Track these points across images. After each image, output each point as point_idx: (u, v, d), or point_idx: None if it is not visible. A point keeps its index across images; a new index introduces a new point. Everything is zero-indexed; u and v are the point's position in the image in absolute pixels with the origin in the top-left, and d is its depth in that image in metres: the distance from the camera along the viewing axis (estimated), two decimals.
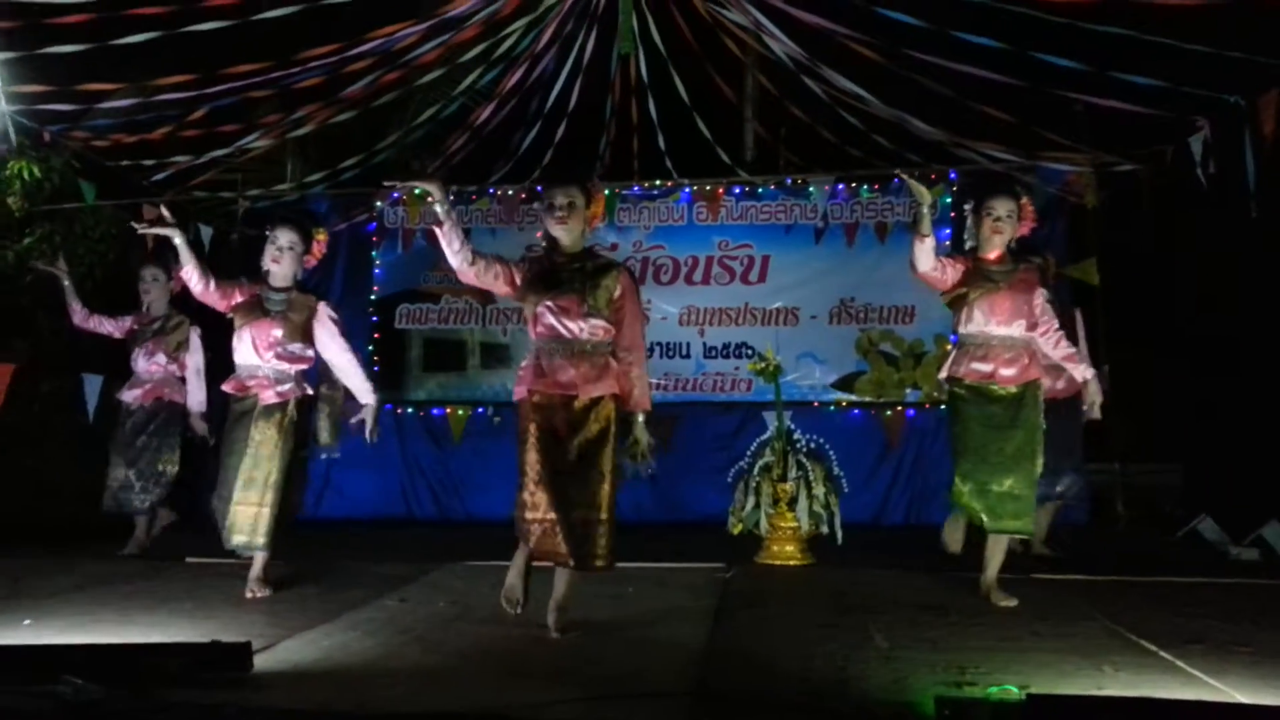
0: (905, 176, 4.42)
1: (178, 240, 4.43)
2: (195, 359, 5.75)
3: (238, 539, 4.35)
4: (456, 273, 3.69)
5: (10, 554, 5.35)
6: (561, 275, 3.62)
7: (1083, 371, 4.37)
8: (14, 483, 6.58)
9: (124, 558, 5.54)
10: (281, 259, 4.44)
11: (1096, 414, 4.57)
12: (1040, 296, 4.25)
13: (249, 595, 4.30)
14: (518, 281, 3.66)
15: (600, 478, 3.53)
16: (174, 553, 5.57)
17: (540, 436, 3.53)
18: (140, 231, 4.65)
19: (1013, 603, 4.09)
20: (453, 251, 3.62)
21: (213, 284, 4.45)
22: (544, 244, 3.73)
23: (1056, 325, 4.27)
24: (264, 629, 3.65)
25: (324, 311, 4.52)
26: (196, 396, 5.73)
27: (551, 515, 3.45)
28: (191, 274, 4.43)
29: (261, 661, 3.12)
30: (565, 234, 3.63)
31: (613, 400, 3.62)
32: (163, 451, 5.73)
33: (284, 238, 4.45)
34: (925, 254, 4.15)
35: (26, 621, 3.79)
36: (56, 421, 6.83)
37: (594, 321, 3.58)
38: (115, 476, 5.71)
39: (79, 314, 5.84)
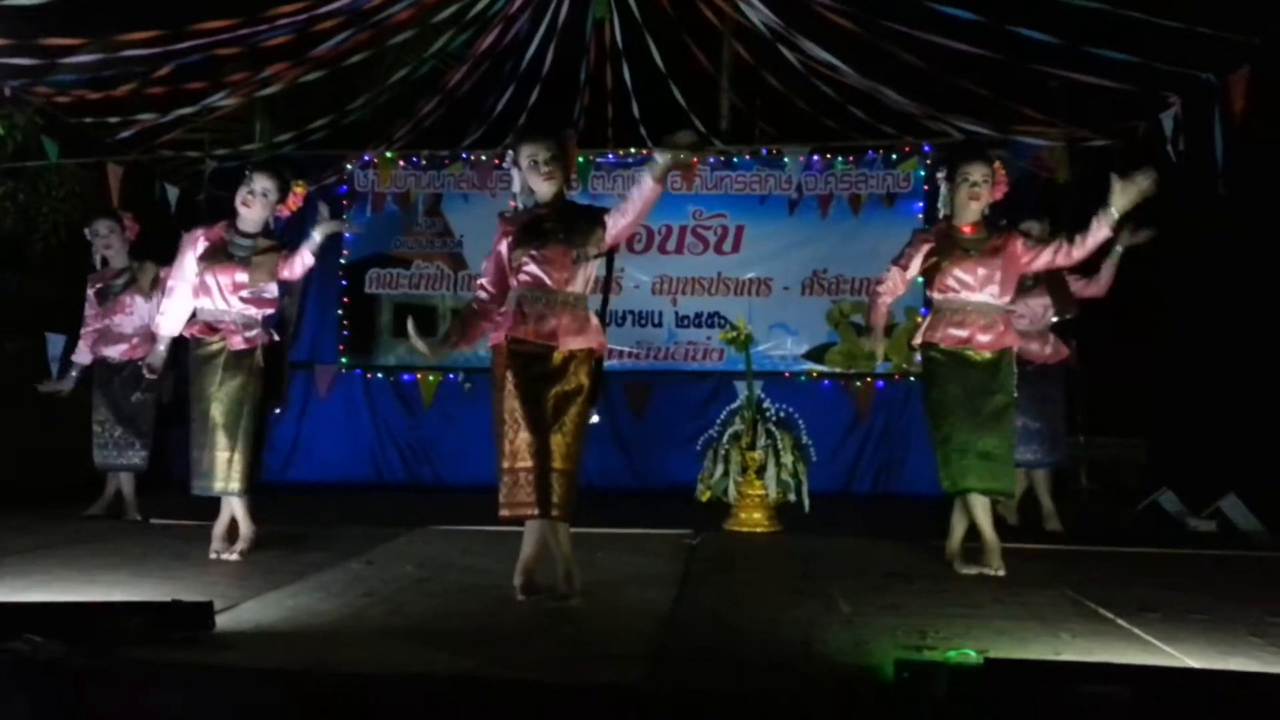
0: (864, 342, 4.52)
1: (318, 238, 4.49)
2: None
3: (215, 485, 4.31)
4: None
5: None
6: (545, 226, 3.58)
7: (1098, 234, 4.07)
8: None
9: (89, 518, 5.49)
10: (253, 204, 4.37)
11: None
12: (1021, 253, 4.19)
13: (228, 557, 4.27)
14: (504, 253, 3.63)
15: (571, 431, 3.50)
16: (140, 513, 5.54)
17: (520, 384, 3.50)
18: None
19: (1002, 571, 4.09)
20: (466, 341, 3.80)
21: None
22: (521, 201, 3.70)
23: (1055, 244, 4.17)
24: (227, 590, 3.63)
25: (285, 252, 4.48)
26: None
27: (529, 463, 3.44)
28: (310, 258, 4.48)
29: (224, 621, 3.10)
30: (549, 188, 3.60)
31: (591, 356, 3.59)
32: (147, 412, 5.64)
33: (259, 183, 4.37)
34: (896, 282, 4.35)
35: None
36: (24, 383, 6.72)
37: (579, 272, 3.56)
38: (110, 434, 5.60)
39: (86, 345, 5.70)
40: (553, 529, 3.54)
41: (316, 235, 4.45)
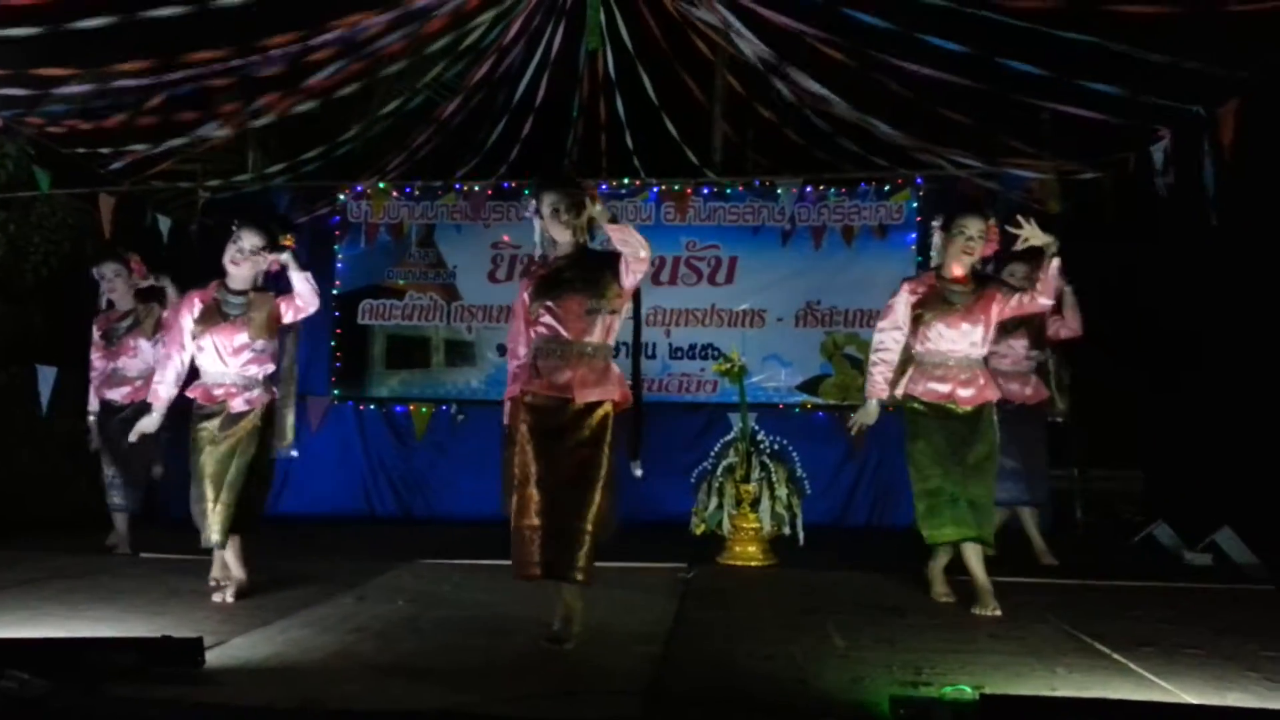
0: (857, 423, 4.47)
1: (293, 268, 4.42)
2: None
3: (214, 537, 4.27)
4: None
5: None
6: (562, 276, 3.54)
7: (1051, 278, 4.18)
8: None
9: (109, 551, 5.46)
10: (242, 262, 4.35)
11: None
12: (999, 303, 4.24)
13: (217, 599, 4.19)
14: (525, 307, 3.58)
15: (590, 485, 3.39)
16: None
17: (533, 439, 3.42)
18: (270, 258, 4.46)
19: (998, 612, 4.05)
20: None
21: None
22: (541, 249, 3.66)
23: (1022, 291, 4.26)
24: (217, 625, 3.59)
25: (282, 300, 4.46)
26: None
27: (536, 521, 3.36)
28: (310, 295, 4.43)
29: (214, 657, 3.07)
30: (569, 237, 3.55)
31: (611, 407, 3.51)
32: (154, 453, 5.63)
33: (248, 240, 4.34)
34: (892, 336, 4.33)
35: None
36: (11, 414, 6.67)
37: (596, 321, 3.49)
38: (106, 474, 5.62)
39: (95, 390, 5.69)
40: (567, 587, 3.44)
41: (282, 257, 4.41)
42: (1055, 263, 4.13)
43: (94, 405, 5.69)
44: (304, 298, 4.41)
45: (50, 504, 5.99)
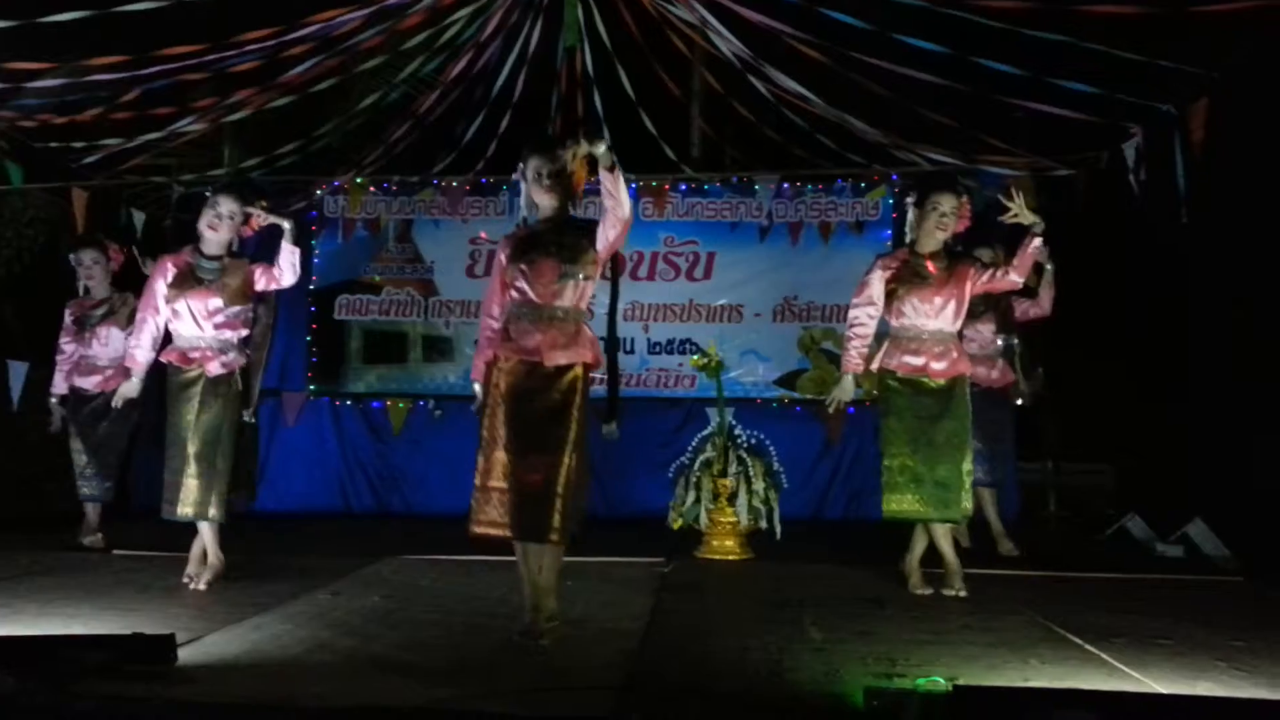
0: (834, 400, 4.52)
1: (286, 226, 4.50)
2: None
3: (186, 510, 4.28)
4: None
5: None
6: (539, 240, 3.54)
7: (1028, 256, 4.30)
8: None
9: (85, 548, 5.40)
10: (219, 226, 4.40)
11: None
12: (972, 277, 4.30)
13: (194, 586, 4.24)
14: (502, 269, 3.58)
15: (558, 446, 3.38)
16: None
17: (503, 401, 3.44)
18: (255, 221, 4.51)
19: (963, 592, 4.16)
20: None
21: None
22: (526, 215, 3.66)
23: (997, 267, 4.35)
24: (190, 622, 3.57)
25: (256, 266, 4.51)
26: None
27: (501, 484, 3.38)
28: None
29: (187, 655, 3.05)
30: (550, 201, 3.54)
31: (583, 370, 3.50)
32: (122, 440, 5.61)
33: (224, 205, 4.40)
34: (866, 321, 4.42)
35: None
36: None
37: (568, 286, 3.48)
38: (78, 464, 5.58)
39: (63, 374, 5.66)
40: (538, 555, 3.43)
41: (287, 225, 4.48)
42: (1037, 242, 4.21)
43: (60, 388, 5.65)
44: (283, 270, 4.47)
45: (21, 501, 5.92)
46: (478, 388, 3.61)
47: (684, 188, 7.63)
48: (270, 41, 6.16)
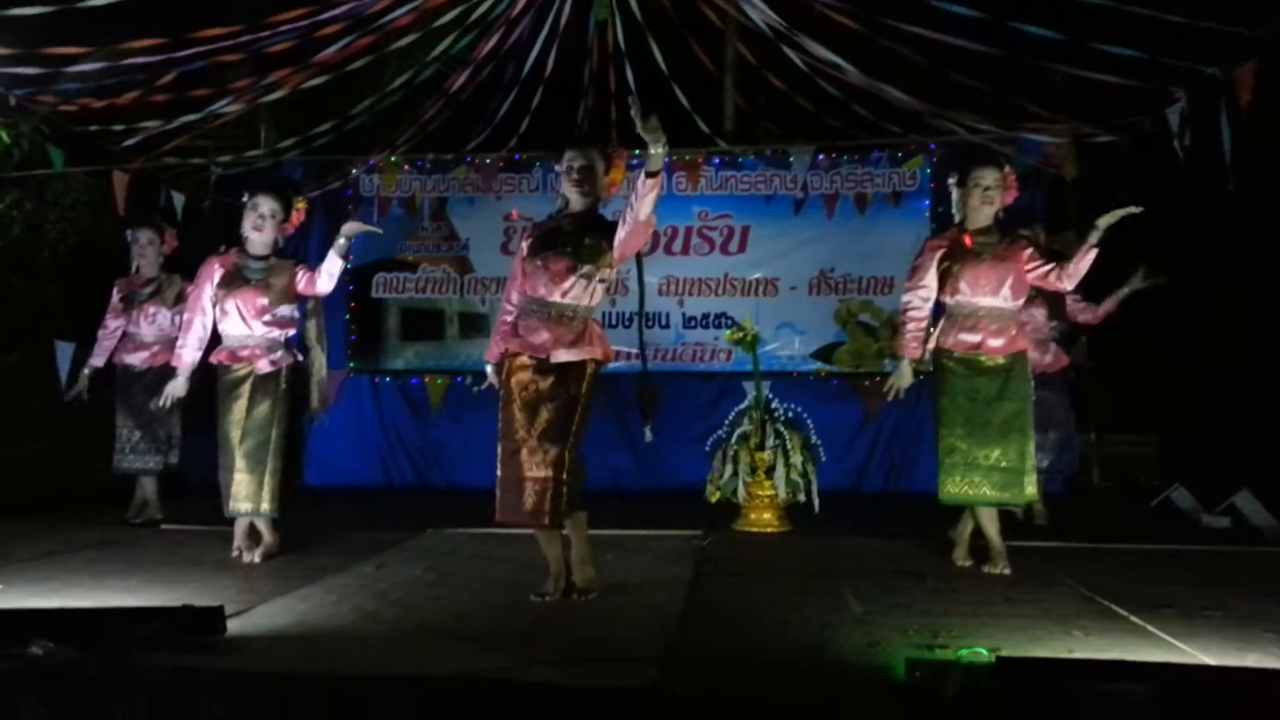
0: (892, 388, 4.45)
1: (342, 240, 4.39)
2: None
3: (243, 506, 4.39)
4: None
5: None
6: (559, 236, 3.59)
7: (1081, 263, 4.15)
8: None
9: (136, 525, 5.50)
10: (264, 227, 4.44)
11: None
12: (1027, 260, 4.22)
13: (249, 558, 4.35)
14: (522, 260, 3.66)
15: (561, 440, 3.50)
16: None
17: (515, 396, 3.57)
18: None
19: (1007, 570, 4.11)
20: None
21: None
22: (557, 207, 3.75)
23: (1054, 265, 4.21)
24: (238, 594, 3.64)
25: (300, 268, 4.53)
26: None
27: (517, 474, 3.50)
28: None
29: (235, 626, 3.11)
30: (579, 197, 3.61)
31: (591, 366, 3.58)
32: (173, 415, 5.67)
33: (265, 205, 4.44)
34: (921, 294, 4.31)
35: (0, 587, 3.77)
36: (30, 391, 6.73)
37: (580, 284, 3.54)
38: (128, 439, 5.70)
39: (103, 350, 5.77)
40: (557, 534, 3.62)
41: (342, 239, 4.36)
42: (1093, 253, 4.09)
43: (97, 361, 5.77)
44: (323, 276, 4.44)
45: (71, 480, 6.05)
46: (490, 369, 3.81)
47: (717, 161, 7.59)
48: (304, 22, 6.18)
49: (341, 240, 4.35)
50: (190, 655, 2.78)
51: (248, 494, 4.37)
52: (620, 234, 3.48)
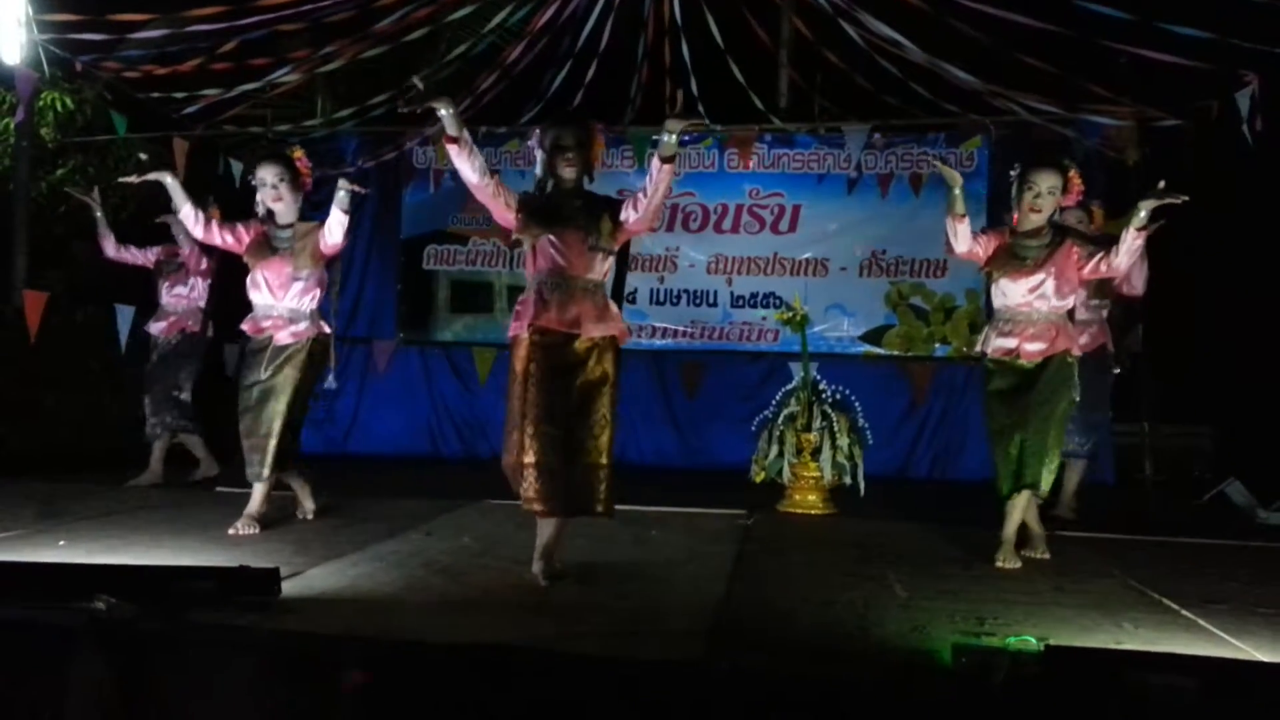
0: (938, 165, 4.42)
1: (169, 181, 4.41)
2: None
3: (262, 471, 4.42)
4: (470, 186, 3.59)
5: (44, 482, 5.45)
6: (564, 211, 3.54)
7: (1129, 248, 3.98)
8: (50, 413, 6.67)
9: (134, 489, 5.58)
10: (281, 195, 4.40)
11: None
12: (1076, 259, 4.12)
13: (231, 532, 4.23)
14: (514, 207, 3.58)
15: (603, 423, 3.46)
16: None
17: (542, 376, 3.44)
18: (133, 180, 4.56)
19: (1017, 564, 4.05)
20: (470, 165, 3.50)
21: (214, 224, 4.44)
22: (540, 183, 3.65)
23: (1100, 253, 4.08)
24: (291, 558, 3.71)
25: (321, 227, 4.47)
26: None
27: (548, 459, 3.39)
28: (188, 215, 4.41)
29: (289, 588, 3.18)
30: (571, 174, 3.55)
31: (613, 344, 3.55)
32: (178, 378, 5.83)
33: (269, 174, 4.36)
34: (963, 235, 4.14)
35: (61, 543, 3.88)
36: (91, 352, 6.90)
37: (596, 258, 3.52)
38: (145, 406, 5.88)
39: (110, 245, 5.93)
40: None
41: (341, 192, 4.33)
42: (1139, 239, 3.97)
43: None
44: (328, 230, 4.39)
45: (129, 441, 6.20)
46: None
47: (769, 139, 7.52)
48: None
49: (341, 193, 4.33)
50: (246, 615, 2.85)
51: (253, 459, 4.36)
52: (629, 214, 3.50)
